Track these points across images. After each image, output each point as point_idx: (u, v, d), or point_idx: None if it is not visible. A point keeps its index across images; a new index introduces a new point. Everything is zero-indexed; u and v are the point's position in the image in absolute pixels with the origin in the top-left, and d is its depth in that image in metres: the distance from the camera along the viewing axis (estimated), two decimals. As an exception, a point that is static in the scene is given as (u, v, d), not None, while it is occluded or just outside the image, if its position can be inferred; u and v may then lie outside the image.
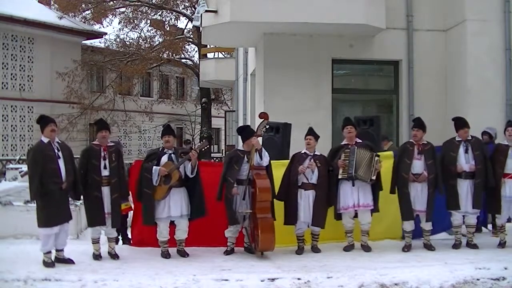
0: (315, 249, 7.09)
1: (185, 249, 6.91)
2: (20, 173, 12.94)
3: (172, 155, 6.80)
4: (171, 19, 26.47)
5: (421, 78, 10.89)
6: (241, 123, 15.45)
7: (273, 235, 6.62)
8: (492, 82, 10.21)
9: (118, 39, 24.80)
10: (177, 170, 6.67)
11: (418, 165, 7.07)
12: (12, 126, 22.40)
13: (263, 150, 6.87)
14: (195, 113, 28.20)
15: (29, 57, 22.72)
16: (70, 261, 6.33)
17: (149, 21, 25.87)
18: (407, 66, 10.92)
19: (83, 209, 8.48)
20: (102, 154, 6.62)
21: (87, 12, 24.37)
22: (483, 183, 7.09)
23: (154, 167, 6.66)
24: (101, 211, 6.54)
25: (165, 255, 6.78)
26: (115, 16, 25.09)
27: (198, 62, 24.52)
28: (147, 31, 25.62)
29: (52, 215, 6.17)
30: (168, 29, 26.46)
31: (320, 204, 6.98)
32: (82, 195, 6.63)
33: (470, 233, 7.34)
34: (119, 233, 7.33)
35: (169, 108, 29.18)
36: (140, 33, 25.13)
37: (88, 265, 6.31)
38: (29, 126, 22.68)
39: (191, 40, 25.99)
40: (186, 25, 26.00)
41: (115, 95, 24.87)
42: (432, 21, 10.95)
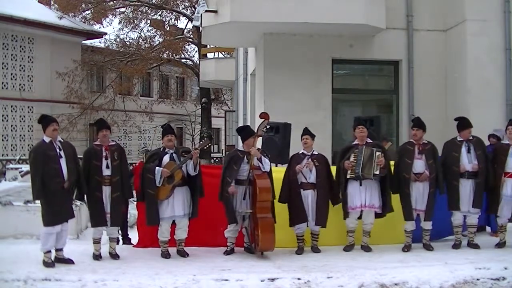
0: (315, 249, 7.09)
1: (185, 249, 6.90)
2: (20, 173, 12.94)
3: (174, 154, 6.81)
4: (171, 19, 26.49)
5: (421, 78, 10.89)
6: (241, 123, 15.45)
7: (273, 235, 6.62)
8: (492, 82, 10.21)
9: (118, 39, 24.81)
10: (179, 170, 6.68)
11: (419, 164, 7.07)
12: (12, 126, 22.41)
13: (263, 158, 6.85)
14: (195, 113, 28.20)
15: (29, 57, 22.73)
16: (69, 261, 6.33)
17: (149, 21, 25.87)
18: (407, 66, 10.92)
19: (83, 209, 8.53)
20: (104, 154, 6.62)
21: (87, 12, 24.38)
22: (484, 183, 7.10)
23: (157, 168, 6.66)
24: (102, 211, 6.55)
25: (165, 255, 6.77)
26: (115, 16, 25.11)
27: (198, 62, 24.52)
28: (147, 31, 25.63)
29: (53, 214, 6.18)
30: (168, 29, 26.46)
31: (322, 204, 6.97)
32: (86, 195, 6.63)
33: (471, 233, 7.33)
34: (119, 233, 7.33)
35: (169, 108, 29.18)
36: (140, 33, 25.14)
37: (88, 265, 6.31)
38: (29, 126, 22.68)
39: (191, 40, 25.99)
40: (186, 25, 26.04)
41: (115, 95, 24.87)
42: (432, 21, 10.95)
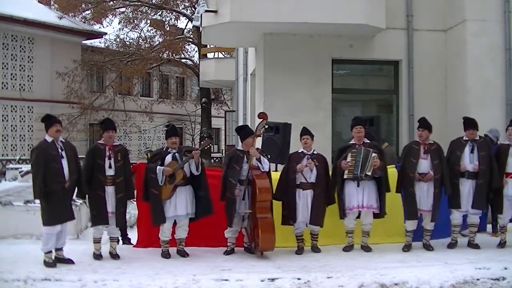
0: (315, 249, 7.10)
1: (185, 249, 6.91)
2: (20, 173, 12.96)
3: (176, 154, 6.82)
4: (171, 19, 26.49)
5: (421, 78, 10.87)
6: (241, 123, 15.44)
7: (273, 235, 6.63)
8: (492, 82, 10.20)
9: (118, 39, 24.82)
10: (181, 170, 6.68)
11: (424, 164, 7.08)
12: (12, 126, 22.41)
13: (262, 158, 6.85)
14: (195, 113, 28.21)
15: (29, 57, 22.74)
16: (69, 261, 6.33)
17: (149, 21, 25.87)
18: (407, 66, 10.90)
19: (83, 209, 8.53)
20: (107, 154, 6.62)
21: (87, 12, 24.39)
22: (486, 184, 7.10)
23: (158, 167, 6.67)
24: (104, 210, 6.55)
25: (165, 255, 6.78)
26: (115, 16, 25.11)
27: (198, 62, 24.52)
28: (147, 31, 25.64)
29: (54, 214, 6.19)
30: (168, 29, 26.45)
31: (318, 203, 6.96)
32: (87, 194, 6.64)
33: (472, 232, 7.34)
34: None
35: (169, 108, 29.19)
36: (140, 33, 25.14)
37: (88, 265, 6.31)
38: (29, 126, 22.69)
39: (191, 40, 25.99)
40: (186, 25, 26.03)
41: (115, 95, 24.88)
42: (432, 21, 10.93)
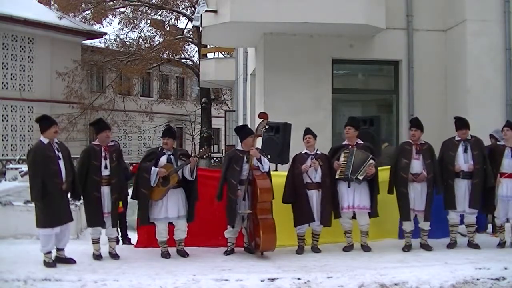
0: (315, 249, 7.09)
1: (185, 249, 6.90)
2: (20, 173, 12.95)
3: (171, 156, 6.77)
4: (171, 19, 26.51)
5: (421, 78, 10.88)
6: (241, 123, 15.44)
7: (274, 235, 6.62)
8: (492, 82, 10.21)
9: (118, 39, 24.85)
10: (175, 174, 6.66)
11: (417, 164, 7.08)
12: (12, 126, 22.42)
13: (262, 158, 6.85)
14: (195, 113, 28.22)
15: (29, 57, 22.75)
16: (71, 261, 6.33)
17: (149, 21, 25.89)
18: (407, 66, 10.91)
19: (83, 209, 8.52)
20: (103, 154, 6.60)
21: (87, 12, 24.41)
22: (482, 183, 7.10)
23: (153, 168, 6.62)
24: (99, 211, 6.52)
25: (165, 255, 6.77)
26: (115, 16, 25.13)
27: (198, 62, 24.53)
28: (147, 31, 25.67)
29: (53, 215, 6.16)
30: (168, 29, 26.47)
31: (327, 203, 6.97)
32: (81, 195, 6.61)
33: (471, 232, 7.34)
34: (119, 233, 7.33)
35: (169, 108, 29.20)
36: (140, 33, 25.17)
37: (88, 265, 6.31)
38: (29, 126, 22.69)
39: (191, 40, 26.00)
40: (186, 25, 26.06)
41: (115, 95, 24.89)
42: (432, 21, 10.94)
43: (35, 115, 21.87)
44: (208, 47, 21.02)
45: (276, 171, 8.04)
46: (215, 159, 26.89)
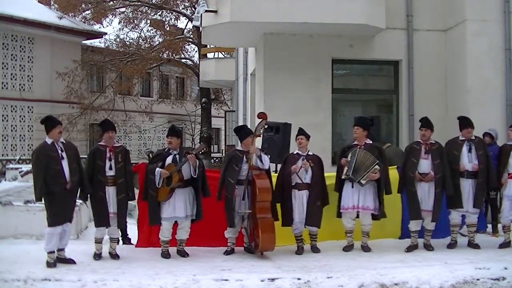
0: (315, 249, 7.09)
1: (185, 249, 6.91)
2: (20, 173, 12.97)
3: (177, 155, 6.80)
4: (171, 19, 26.49)
5: (421, 78, 10.87)
6: (241, 123, 15.44)
7: (273, 235, 6.63)
8: (492, 82, 10.20)
9: (118, 39, 24.83)
10: (177, 172, 6.67)
11: (425, 164, 7.06)
12: (12, 126, 22.43)
13: (262, 155, 6.86)
14: (195, 113, 28.20)
15: (29, 57, 22.76)
16: (71, 261, 6.34)
17: (149, 21, 25.88)
18: (407, 66, 10.90)
19: (83, 209, 8.54)
20: (108, 155, 6.63)
21: (87, 12, 24.41)
22: (485, 183, 7.10)
23: (157, 169, 6.67)
24: (106, 211, 6.55)
25: (165, 255, 6.78)
26: (115, 16, 25.12)
27: (198, 62, 24.52)
28: (147, 31, 25.65)
29: (55, 215, 6.19)
30: (168, 29, 26.46)
31: (314, 204, 6.94)
32: (89, 195, 6.63)
33: (471, 232, 7.34)
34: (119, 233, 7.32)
35: (169, 108, 29.20)
36: (140, 33, 25.15)
37: (88, 265, 6.31)
38: (29, 126, 22.70)
39: (191, 40, 25.99)
40: (186, 25, 26.03)
41: (115, 95, 24.88)
42: (432, 21, 10.93)
43: (35, 115, 21.91)
44: (208, 47, 21.00)
45: (276, 171, 8.04)
46: (215, 159, 26.89)
